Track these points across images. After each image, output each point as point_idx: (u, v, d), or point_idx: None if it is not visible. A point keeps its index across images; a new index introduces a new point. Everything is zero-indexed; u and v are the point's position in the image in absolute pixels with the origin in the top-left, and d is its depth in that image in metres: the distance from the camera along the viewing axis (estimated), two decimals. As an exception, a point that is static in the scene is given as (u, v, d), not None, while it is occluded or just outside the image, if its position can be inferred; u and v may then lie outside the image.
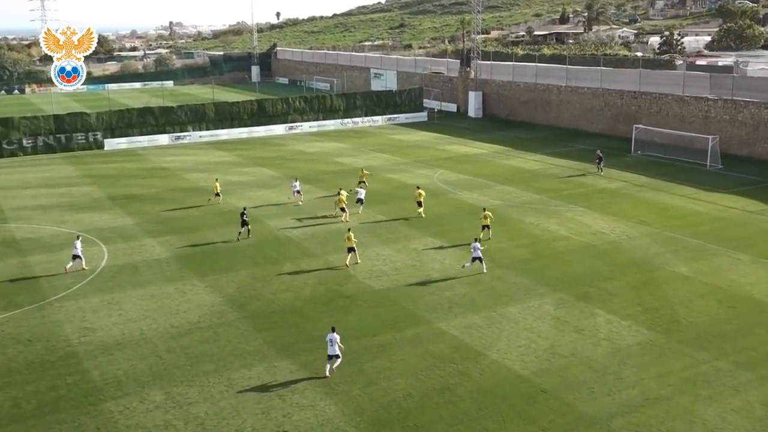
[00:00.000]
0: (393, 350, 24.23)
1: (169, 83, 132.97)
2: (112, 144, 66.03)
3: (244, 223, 36.82)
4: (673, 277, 30.75)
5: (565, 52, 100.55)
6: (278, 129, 73.87)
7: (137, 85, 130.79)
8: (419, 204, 40.38)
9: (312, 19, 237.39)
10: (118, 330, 26.17)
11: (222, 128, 71.50)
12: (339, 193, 40.61)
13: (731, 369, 22.68)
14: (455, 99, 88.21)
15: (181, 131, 69.50)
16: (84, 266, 32.43)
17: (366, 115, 79.05)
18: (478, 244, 31.40)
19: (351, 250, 32.39)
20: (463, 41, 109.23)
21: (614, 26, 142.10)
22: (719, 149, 52.68)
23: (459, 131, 72.23)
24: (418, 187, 42.12)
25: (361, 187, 43.23)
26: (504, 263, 32.78)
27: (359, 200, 41.30)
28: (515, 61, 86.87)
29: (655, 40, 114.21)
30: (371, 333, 25.39)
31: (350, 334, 25.31)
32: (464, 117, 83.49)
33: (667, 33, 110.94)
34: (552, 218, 39.93)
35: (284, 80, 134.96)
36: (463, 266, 31.51)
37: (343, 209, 39.59)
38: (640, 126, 59.64)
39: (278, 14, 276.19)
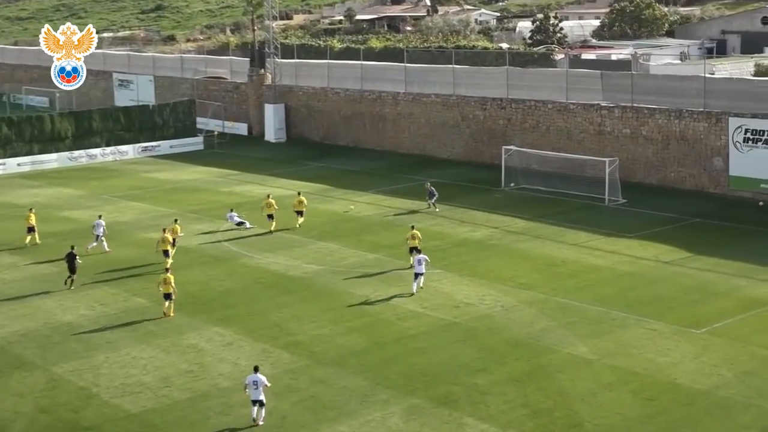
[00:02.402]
0: (162, 507, 23.46)
1: None
2: None
3: (72, 269, 41.53)
4: (570, 362, 32.10)
5: (402, 45, 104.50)
6: (-33, 170, 71.02)
7: None
8: (299, 214, 50.72)
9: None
10: None
11: None
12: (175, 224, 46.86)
13: (655, 489, 23.89)
14: (245, 116, 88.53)
15: None
16: None
17: (108, 145, 77.73)
18: (424, 256, 39.48)
19: (168, 297, 37.44)
20: (254, 30, 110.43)
21: (468, 7, 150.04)
22: (619, 176, 56.10)
23: (253, 164, 72.53)
24: (299, 193, 52.41)
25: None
26: (327, 359, 32.82)
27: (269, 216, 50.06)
28: (331, 59, 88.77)
29: (525, 26, 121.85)
30: (126, 483, 24.47)
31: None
32: (259, 142, 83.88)
33: (540, 16, 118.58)
34: (394, 286, 40.66)
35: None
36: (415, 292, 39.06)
37: (174, 243, 45.24)
38: (512, 148, 62.39)
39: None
